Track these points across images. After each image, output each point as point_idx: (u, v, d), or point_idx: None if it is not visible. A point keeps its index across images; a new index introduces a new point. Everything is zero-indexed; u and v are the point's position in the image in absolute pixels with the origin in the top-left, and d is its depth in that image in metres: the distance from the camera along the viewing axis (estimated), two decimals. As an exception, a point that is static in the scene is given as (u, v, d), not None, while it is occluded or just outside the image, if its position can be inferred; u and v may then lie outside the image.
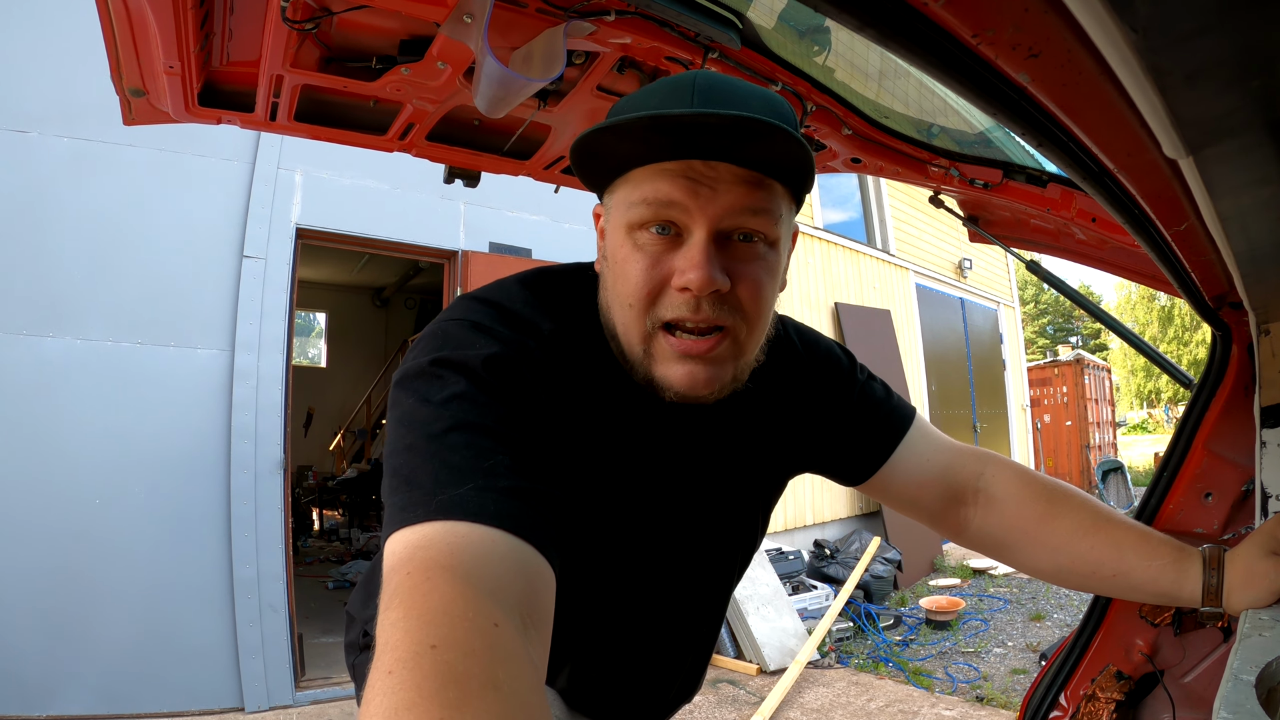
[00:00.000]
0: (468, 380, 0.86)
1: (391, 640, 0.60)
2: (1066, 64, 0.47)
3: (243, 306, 5.06)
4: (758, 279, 0.96)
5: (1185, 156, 0.50)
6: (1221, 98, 0.43)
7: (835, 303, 9.94)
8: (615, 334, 1.01)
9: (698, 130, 0.86)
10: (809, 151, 0.89)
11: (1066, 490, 1.28)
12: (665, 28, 1.42)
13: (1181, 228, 0.92)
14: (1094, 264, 2.03)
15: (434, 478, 0.76)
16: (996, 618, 7.56)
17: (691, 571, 1.24)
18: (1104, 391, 18.39)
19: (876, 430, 1.30)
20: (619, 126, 0.86)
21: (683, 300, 0.92)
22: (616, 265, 0.97)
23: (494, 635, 0.62)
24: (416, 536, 0.71)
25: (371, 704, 0.55)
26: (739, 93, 0.92)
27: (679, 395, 0.98)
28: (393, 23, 1.46)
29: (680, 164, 0.91)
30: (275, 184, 5.28)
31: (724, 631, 6.25)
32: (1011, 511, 1.28)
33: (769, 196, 0.94)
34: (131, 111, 1.64)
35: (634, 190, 0.94)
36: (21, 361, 4.42)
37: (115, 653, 4.44)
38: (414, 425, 0.83)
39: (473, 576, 0.67)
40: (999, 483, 1.31)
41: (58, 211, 4.58)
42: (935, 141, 1.89)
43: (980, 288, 14.57)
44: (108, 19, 1.34)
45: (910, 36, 0.51)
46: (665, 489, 1.14)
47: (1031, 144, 0.67)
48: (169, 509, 4.69)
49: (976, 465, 1.35)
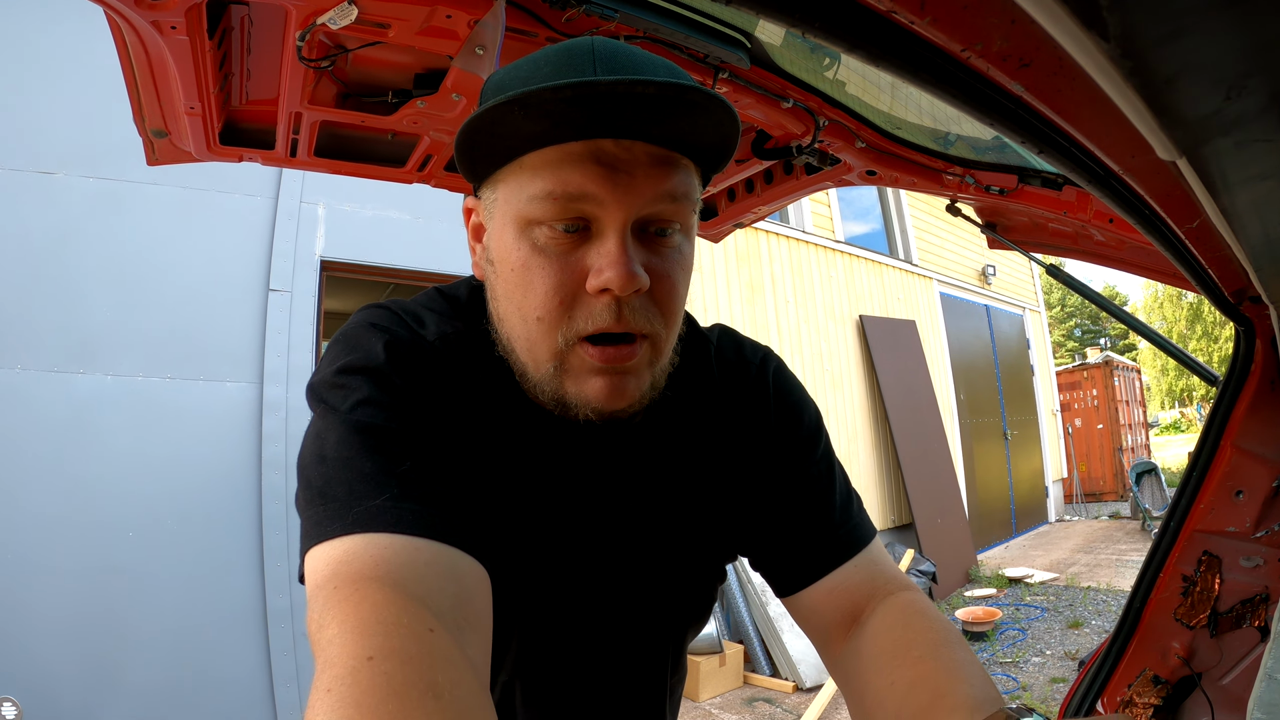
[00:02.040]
0: (371, 383, 0.81)
1: (330, 656, 0.58)
2: (1059, 71, 0.47)
3: (270, 339, 5.12)
4: (674, 276, 0.85)
5: (1179, 158, 0.51)
6: (1207, 98, 0.43)
7: (860, 315, 9.92)
8: (513, 350, 0.88)
9: (619, 103, 0.72)
10: (740, 127, 0.79)
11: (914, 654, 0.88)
12: (675, 50, 1.43)
13: (1194, 225, 0.92)
14: (1114, 265, 2.02)
15: (348, 489, 0.73)
16: (1034, 627, 7.46)
17: (628, 606, 1.07)
18: (1134, 392, 18.17)
19: (823, 539, 1.04)
20: (530, 99, 0.71)
21: (603, 306, 0.80)
22: (513, 272, 0.83)
23: (430, 640, 0.60)
24: (339, 551, 0.69)
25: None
26: (642, 59, 0.81)
27: (597, 413, 0.86)
28: (407, 57, 1.49)
29: (587, 146, 0.77)
30: (299, 218, 5.35)
31: (759, 649, 6.21)
32: (864, 649, 0.93)
33: (687, 179, 0.82)
34: (155, 152, 1.68)
35: (532, 180, 0.79)
36: (54, 399, 4.49)
37: (150, 683, 4.48)
38: (323, 436, 0.79)
39: (401, 584, 0.65)
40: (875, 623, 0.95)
41: (85, 251, 4.67)
42: (951, 150, 1.89)
43: (1005, 294, 14.46)
44: (128, 62, 1.37)
45: (900, 55, 0.52)
46: (584, 524, 1.00)
47: (1033, 151, 0.68)
48: (202, 540, 4.74)
49: (879, 591, 1.02)
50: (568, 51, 0.79)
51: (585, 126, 0.75)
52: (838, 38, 0.49)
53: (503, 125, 0.76)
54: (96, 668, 4.36)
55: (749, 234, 8.64)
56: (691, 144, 0.80)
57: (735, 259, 8.45)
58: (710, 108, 0.74)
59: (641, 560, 1.05)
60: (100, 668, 4.37)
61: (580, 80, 0.69)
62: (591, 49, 0.79)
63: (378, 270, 5.77)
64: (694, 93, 0.71)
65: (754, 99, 1.59)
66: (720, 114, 0.75)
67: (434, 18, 1.27)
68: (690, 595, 1.14)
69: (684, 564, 1.09)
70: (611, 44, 0.80)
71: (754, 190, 2.07)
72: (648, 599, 1.08)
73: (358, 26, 1.26)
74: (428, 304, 0.96)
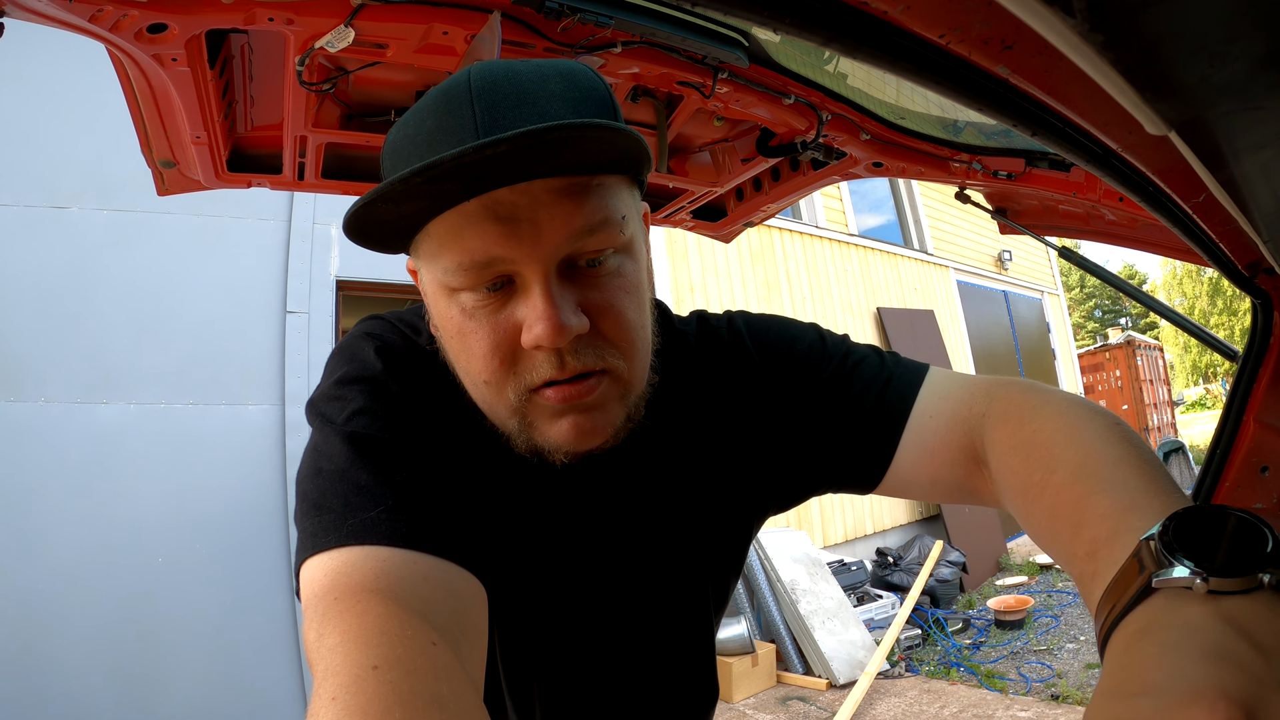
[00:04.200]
0: (367, 392, 0.81)
1: (332, 665, 0.58)
2: (1044, 51, 0.46)
3: (290, 360, 5.17)
4: (619, 305, 0.79)
5: (1168, 131, 0.51)
6: (1188, 68, 0.43)
7: (877, 308, 9.89)
8: (480, 408, 0.85)
9: (487, 163, 0.66)
10: (633, 135, 0.70)
11: (1052, 465, 0.75)
12: (673, 53, 1.43)
13: (1199, 199, 0.91)
14: (1127, 244, 2.00)
15: (344, 501, 0.72)
16: (1067, 612, 7.40)
17: (649, 634, 1.05)
18: (1158, 371, 18.01)
19: (870, 418, 0.96)
20: (388, 194, 0.68)
21: (543, 358, 0.76)
22: (452, 339, 0.81)
23: (433, 653, 0.60)
24: (336, 562, 0.68)
25: None
26: (527, 85, 0.74)
27: (569, 455, 0.83)
28: (407, 75, 1.50)
29: (481, 202, 0.72)
30: (312, 239, 5.40)
31: (791, 648, 6.19)
32: (1003, 489, 0.85)
33: (604, 200, 0.76)
34: (165, 183, 1.70)
35: (441, 251, 0.76)
36: (78, 429, 4.55)
37: (184, 707, 4.52)
38: (319, 450, 0.78)
39: (402, 598, 0.65)
40: (991, 448, 0.85)
41: (103, 282, 4.74)
42: (961, 137, 1.88)
43: (1022, 278, 14.37)
44: (133, 96, 1.39)
45: (878, 45, 0.51)
46: (583, 561, 0.98)
47: (1026, 134, 0.67)
48: (230, 563, 4.78)
49: (981, 407, 0.90)
50: (445, 98, 0.74)
51: (468, 188, 0.70)
52: (810, 32, 0.49)
53: (383, 215, 0.72)
54: (129, 694, 4.41)
55: (762, 232, 8.63)
56: (598, 163, 0.74)
57: (750, 258, 8.44)
58: (587, 136, 0.67)
59: (654, 583, 1.03)
60: (133, 693, 4.42)
61: (425, 164, 0.64)
62: (469, 89, 0.73)
63: (394, 288, 5.81)
64: (557, 131, 0.65)
65: (756, 97, 1.59)
66: (604, 134, 0.68)
67: (431, 35, 1.27)
68: (716, 607, 1.12)
69: (694, 574, 1.06)
70: (490, 74, 0.74)
71: (762, 188, 2.07)
72: (667, 621, 1.06)
73: (356, 48, 1.27)
74: (422, 312, 0.94)
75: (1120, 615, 0.52)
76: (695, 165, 2.00)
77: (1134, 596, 0.52)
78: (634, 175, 0.82)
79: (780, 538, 6.90)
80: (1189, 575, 0.49)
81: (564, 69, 0.77)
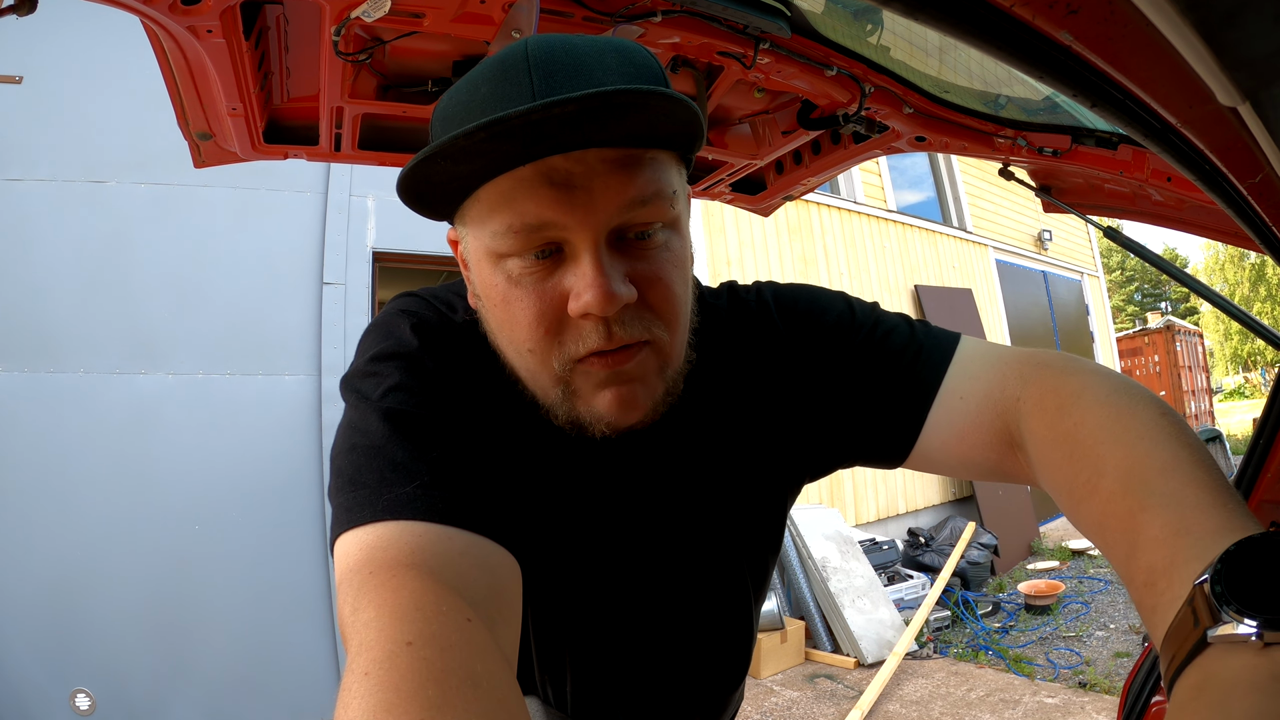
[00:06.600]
0: (403, 368, 0.81)
1: (366, 640, 0.58)
2: (1109, 18, 0.45)
3: (326, 331, 5.21)
4: (666, 277, 0.80)
5: (1242, 103, 0.48)
6: (1272, 35, 0.41)
7: (915, 285, 9.79)
8: (520, 379, 0.86)
9: (549, 124, 0.67)
10: (693, 108, 0.71)
11: (1099, 467, 0.70)
12: (714, 23, 1.41)
13: (1257, 179, 0.88)
14: (1174, 225, 1.95)
15: (379, 476, 0.72)
16: (1097, 600, 7.32)
17: (686, 612, 1.06)
18: (1197, 358, 17.72)
19: (898, 391, 0.93)
20: (449, 149, 0.68)
21: (591, 327, 0.76)
22: (496, 306, 0.81)
23: (469, 630, 0.59)
24: (371, 537, 0.68)
25: (350, 707, 0.53)
26: (584, 57, 0.74)
27: (611, 428, 0.83)
28: (444, 45, 1.48)
29: (536, 168, 0.72)
30: (349, 211, 5.42)
31: (820, 626, 6.19)
32: (1043, 480, 0.81)
33: (656, 175, 0.76)
34: (201, 154, 1.71)
35: (491, 215, 0.76)
36: (117, 399, 4.63)
37: (220, 670, 4.62)
38: (354, 425, 0.78)
39: (438, 573, 0.65)
40: (1029, 437, 0.81)
41: (142, 254, 4.80)
42: (1003, 112, 1.84)
43: (1062, 259, 14.14)
44: (168, 68, 1.39)
45: (939, 6, 0.50)
46: (620, 536, 0.99)
47: (1086, 105, 0.64)
48: (266, 530, 4.86)
49: (1015, 390, 0.86)
50: (501, 66, 0.74)
51: (525, 151, 0.70)
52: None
53: (437, 174, 0.73)
54: (166, 658, 4.51)
55: (800, 206, 8.55)
56: (652, 136, 0.74)
57: (787, 232, 8.38)
58: (651, 104, 0.68)
59: (689, 559, 1.03)
60: (169, 658, 4.52)
61: (492, 119, 0.64)
62: (526, 57, 0.72)
63: (430, 259, 5.82)
64: (622, 96, 0.66)
65: (797, 68, 1.56)
66: (665, 104, 0.68)
67: (468, 4, 1.26)
68: (756, 584, 1.12)
69: (730, 549, 1.06)
70: (548, 44, 0.74)
71: (802, 162, 2.04)
72: (701, 597, 1.06)
73: (392, 18, 1.25)
74: (457, 289, 0.96)
75: (1180, 668, 0.50)
76: (735, 137, 1.97)
77: (1191, 650, 0.50)
78: (683, 154, 0.83)
79: (812, 515, 6.88)
80: (1243, 632, 0.47)
81: (619, 45, 0.77)
